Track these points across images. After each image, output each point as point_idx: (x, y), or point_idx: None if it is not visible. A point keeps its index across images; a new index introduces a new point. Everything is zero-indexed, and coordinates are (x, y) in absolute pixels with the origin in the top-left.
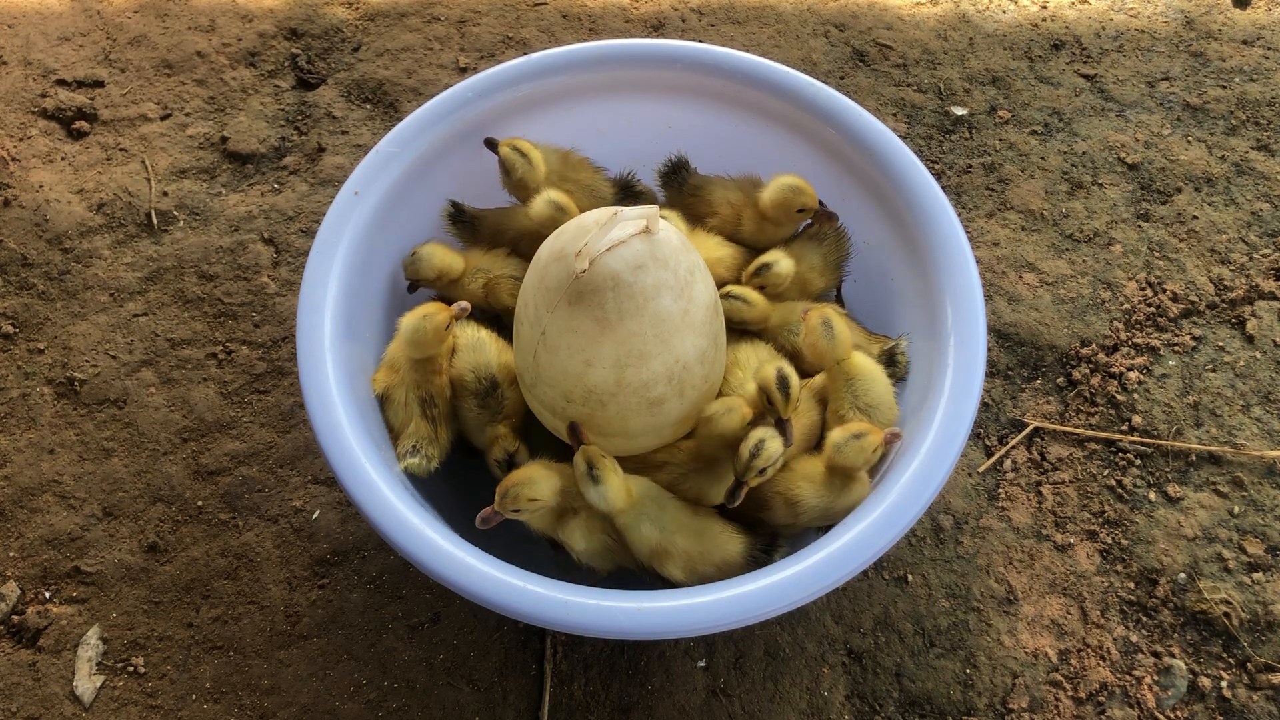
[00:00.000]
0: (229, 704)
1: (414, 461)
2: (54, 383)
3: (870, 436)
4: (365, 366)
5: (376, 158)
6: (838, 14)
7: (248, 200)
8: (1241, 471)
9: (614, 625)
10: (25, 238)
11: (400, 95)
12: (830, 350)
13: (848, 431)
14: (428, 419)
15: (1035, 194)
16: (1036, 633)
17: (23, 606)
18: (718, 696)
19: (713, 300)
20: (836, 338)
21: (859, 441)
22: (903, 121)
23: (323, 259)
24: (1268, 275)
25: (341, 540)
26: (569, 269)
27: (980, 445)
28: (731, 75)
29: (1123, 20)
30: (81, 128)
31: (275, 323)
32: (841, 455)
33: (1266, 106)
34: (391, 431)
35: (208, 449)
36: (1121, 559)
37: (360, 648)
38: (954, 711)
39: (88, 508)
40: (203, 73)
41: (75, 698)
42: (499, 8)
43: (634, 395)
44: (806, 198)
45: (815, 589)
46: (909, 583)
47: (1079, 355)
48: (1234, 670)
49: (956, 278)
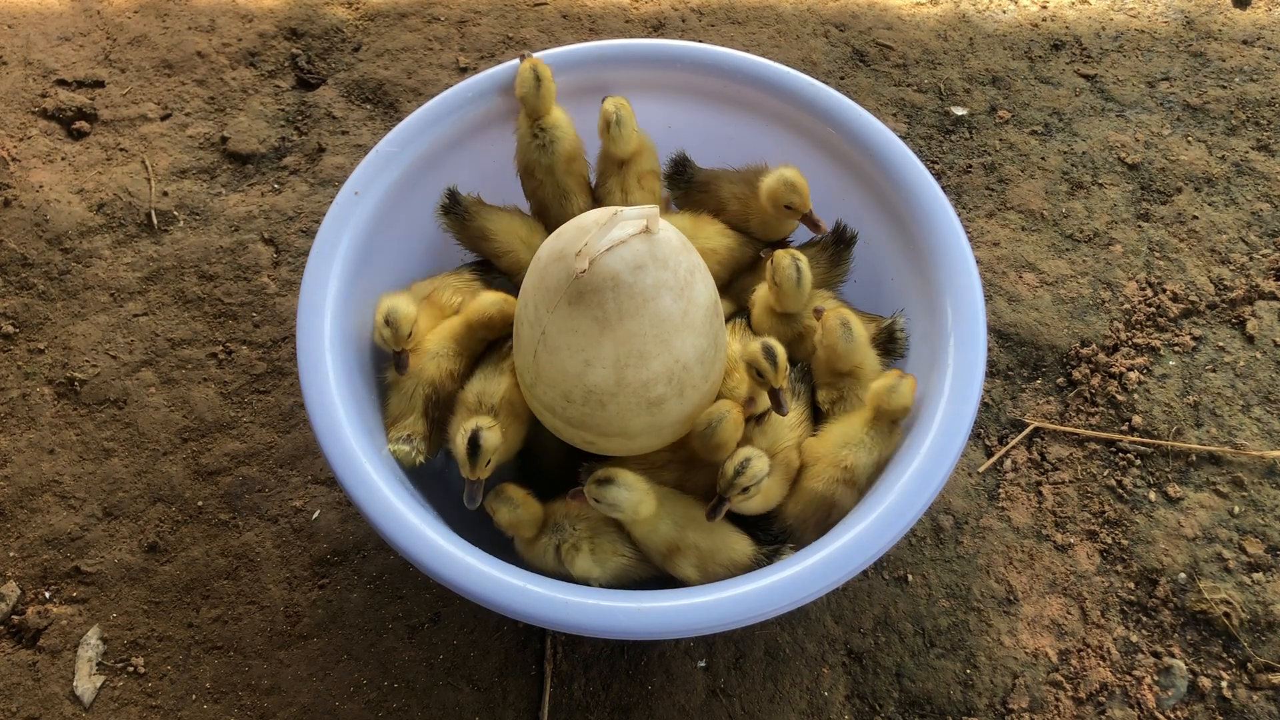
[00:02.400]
0: (229, 704)
1: (404, 449)
2: (54, 383)
3: (908, 379)
4: (365, 367)
5: (376, 158)
6: (838, 14)
7: (248, 200)
8: (1241, 471)
9: (614, 625)
10: (25, 238)
11: (400, 95)
12: (849, 353)
13: (889, 378)
14: (427, 418)
15: (1035, 194)
16: (1036, 633)
17: (23, 606)
18: (718, 696)
19: (713, 300)
20: (855, 340)
21: (904, 382)
22: (903, 121)
23: (323, 259)
24: (1268, 275)
25: (341, 540)
26: (569, 269)
27: (980, 445)
28: (731, 75)
29: (1123, 20)
30: (81, 128)
31: (275, 323)
32: (895, 398)
33: (1266, 106)
34: (388, 417)
35: (208, 449)
36: (1121, 559)
37: (360, 648)
38: (954, 711)
39: (88, 508)
40: (203, 73)
41: (75, 698)
42: (499, 8)
43: (634, 395)
44: (796, 196)
45: (815, 589)
46: (909, 583)
47: (1079, 355)
48: (1234, 670)
49: (956, 278)
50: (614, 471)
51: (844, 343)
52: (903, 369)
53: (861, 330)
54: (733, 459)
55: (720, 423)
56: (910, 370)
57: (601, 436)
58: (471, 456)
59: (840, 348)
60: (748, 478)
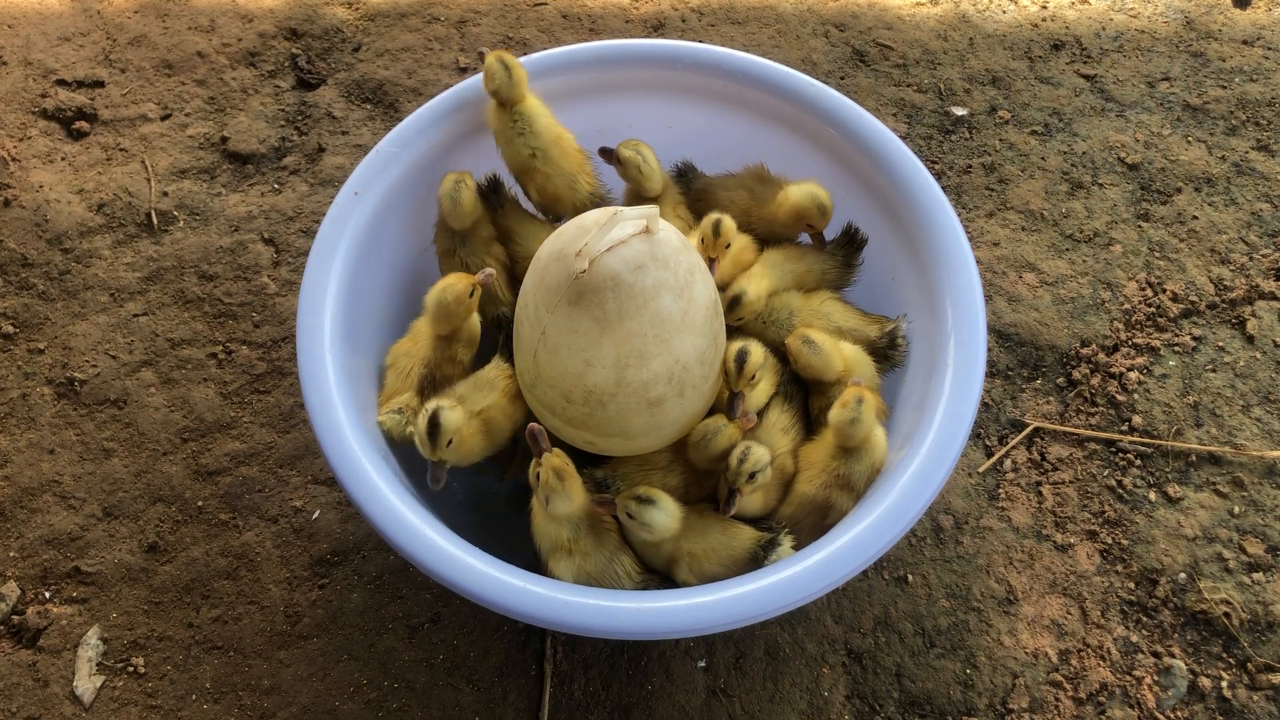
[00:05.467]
0: (229, 704)
1: (394, 418)
2: (54, 383)
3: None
4: (365, 367)
5: (376, 158)
6: (838, 14)
7: (248, 200)
8: (1241, 471)
9: (614, 625)
10: (25, 238)
11: (400, 95)
12: (824, 366)
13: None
14: (423, 398)
15: (1035, 194)
16: (1036, 633)
17: (23, 606)
18: (718, 696)
19: (713, 300)
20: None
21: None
22: (903, 121)
23: (323, 259)
24: (1268, 275)
25: (341, 540)
26: (569, 269)
27: (980, 445)
28: (731, 75)
29: (1123, 20)
30: (81, 128)
31: (275, 323)
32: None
33: (1266, 106)
34: (383, 394)
35: (208, 449)
36: (1121, 559)
37: (360, 648)
38: (954, 711)
39: (88, 508)
40: (203, 73)
41: (75, 698)
42: (499, 8)
43: (634, 395)
44: (823, 220)
45: (815, 589)
46: (909, 583)
47: (1079, 355)
48: (1234, 670)
49: (956, 278)
50: (655, 493)
51: (812, 357)
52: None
53: (826, 340)
54: (733, 453)
55: (716, 436)
56: (910, 370)
57: (601, 437)
58: (431, 435)
59: (813, 362)
60: (752, 463)
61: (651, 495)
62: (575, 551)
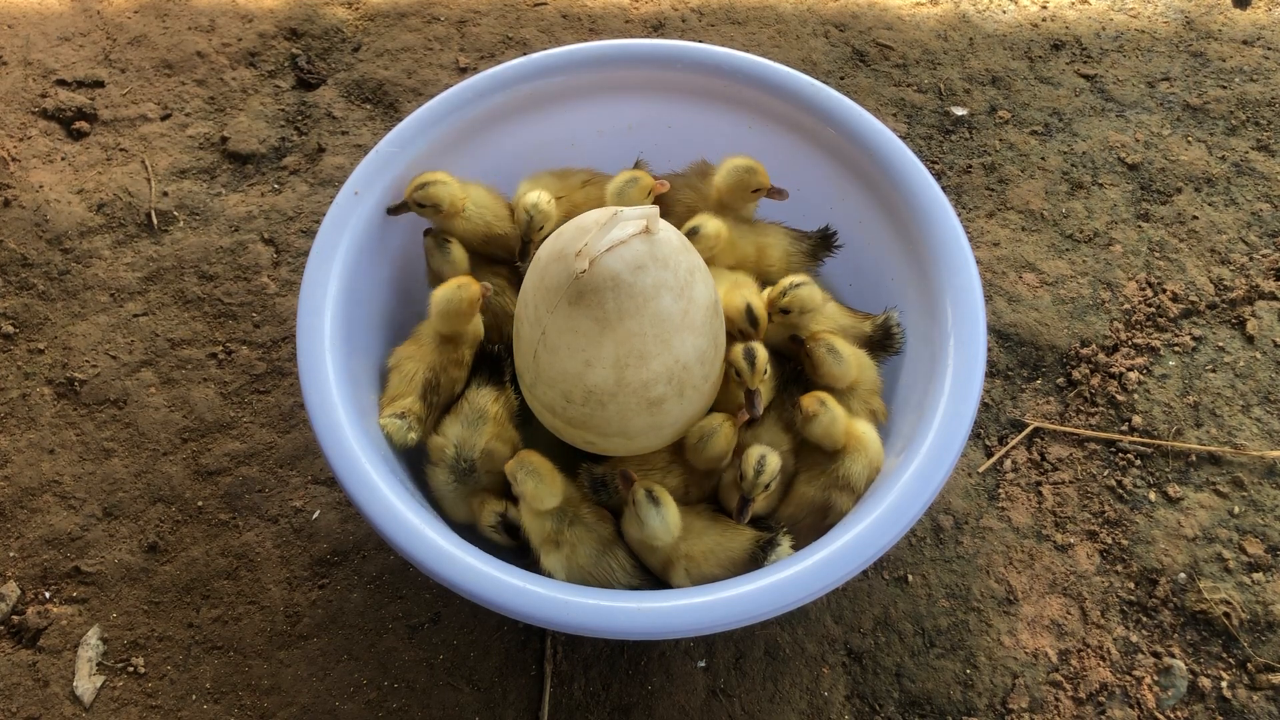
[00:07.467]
0: (229, 704)
1: (396, 423)
2: (54, 383)
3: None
4: (365, 367)
5: (376, 158)
6: (838, 14)
7: (248, 200)
8: (1241, 471)
9: (614, 625)
10: (25, 238)
11: (400, 95)
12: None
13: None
14: (425, 402)
15: (1035, 194)
16: (1036, 633)
17: (23, 606)
18: (718, 696)
19: (712, 300)
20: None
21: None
22: (903, 121)
23: (323, 259)
24: (1268, 275)
25: (341, 540)
26: (569, 269)
27: (980, 445)
28: (732, 75)
29: (1123, 20)
30: (81, 128)
31: (275, 323)
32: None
33: (1266, 106)
34: (385, 396)
35: (208, 449)
36: (1121, 559)
37: (360, 648)
38: (954, 711)
39: (88, 508)
40: (203, 73)
41: (75, 698)
42: (499, 8)
43: (634, 395)
44: (759, 176)
45: (815, 589)
46: (909, 583)
47: (1079, 355)
48: (1234, 670)
49: (956, 278)
50: (666, 499)
51: (836, 367)
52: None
53: (847, 348)
54: (748, 460)
55: (713, 436)
56: (910, 370)
57: (601, 437)
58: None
59: (835, 372)
60: (769, 474)
61: (661, 498)
62: (563, 543)
